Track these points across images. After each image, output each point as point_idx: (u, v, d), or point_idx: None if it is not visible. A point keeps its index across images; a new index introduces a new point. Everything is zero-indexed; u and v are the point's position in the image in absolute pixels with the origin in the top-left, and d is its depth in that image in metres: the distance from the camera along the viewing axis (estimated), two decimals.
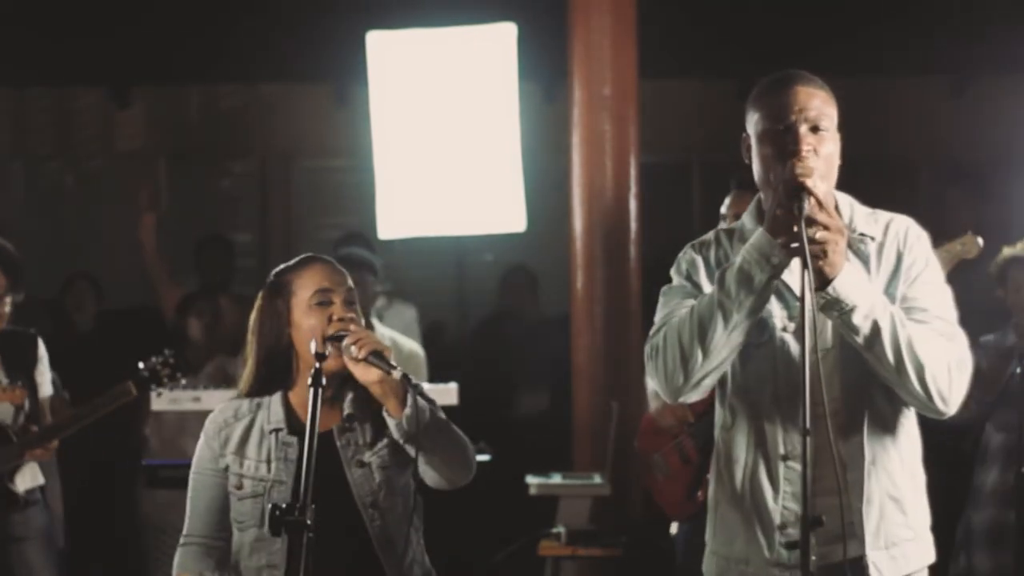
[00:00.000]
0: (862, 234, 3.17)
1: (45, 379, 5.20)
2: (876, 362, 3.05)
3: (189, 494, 3.37)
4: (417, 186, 6.53)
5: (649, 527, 5.69)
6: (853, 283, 3.03)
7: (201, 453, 3.35)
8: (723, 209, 4.96)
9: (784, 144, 3.09)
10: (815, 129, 3.12)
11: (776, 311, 3.15)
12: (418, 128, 6.50)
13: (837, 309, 3.01)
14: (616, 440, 5.79)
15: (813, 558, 2.95)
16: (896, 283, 3.16)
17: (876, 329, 3.02)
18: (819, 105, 3.14)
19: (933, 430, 3.30)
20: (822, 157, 3.09)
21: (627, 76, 6.21)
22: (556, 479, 5.94)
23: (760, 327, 3.12)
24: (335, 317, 3.24)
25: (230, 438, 3.31)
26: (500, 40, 6.38)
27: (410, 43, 6.53)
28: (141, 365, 5.12)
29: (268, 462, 3.26)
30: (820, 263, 2.98)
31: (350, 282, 3.32)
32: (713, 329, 3.03)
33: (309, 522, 2.98)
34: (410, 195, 6.54)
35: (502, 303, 8.18)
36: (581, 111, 6.21)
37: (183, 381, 5.17)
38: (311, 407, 3.09)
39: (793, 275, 3.13)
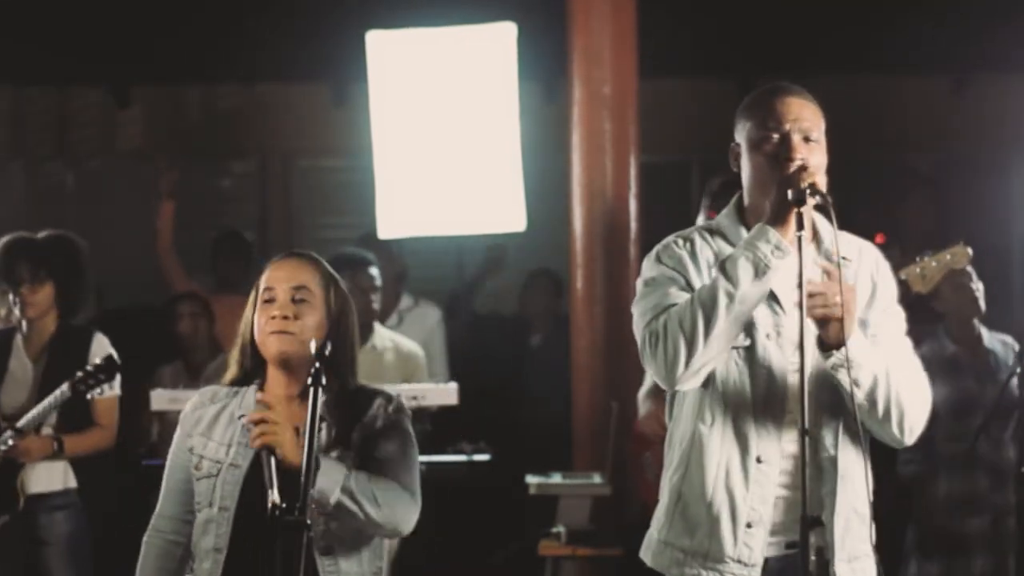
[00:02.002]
0: (843, 257, 3.24)
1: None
2: (865, 408, 3.16)
3: (165, 473, 3.43)
4: (417, 186, 6.53)
5: (646, 529, 5.69)
6: (861, 343, 3.15)
7: (177, 433, 3.43)
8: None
9: (778, 152, 3.17)
10: (807, 139, 3.20)
11: (761, 318, 3.22)
12: (418, 128, 6.50)
13: (847, 367, 3.10)
14: (616, 440, 5.79)
15: (813, 558, 3.01)
16: (868, 311, 3.26)
17: (875, 383, 3.15)
18: (810, 116, 3.22)
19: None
20: (812, 167, 3.16)
21: (627, 76, 6.21)
22: (556, 479, 5.94)
23: (746, 331, 3.19)
24: (271, 315, 3.29)
25: (201, 419, 3.38)
26: (500, 40, 6.38)
27: (410, 43, 6.53)
28: (79, 373, 5.10)
29: (229, 446, 3.31)
30: (835, 327, 3.09)
31: (301, 279, 3.33)
32: (716, 318, 3.09)
33: (309, 522, 2.99)
34: (410, 195, 6.54)
35: (524, 307, 8.13)
36: (581, 111, 6.21)
37: (115, 384, 5.17)
38: (311, 406, 3.10)
39: (781, 286, 3.20)
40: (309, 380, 3.12)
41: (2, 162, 9.33)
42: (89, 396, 5.11)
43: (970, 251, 5.03)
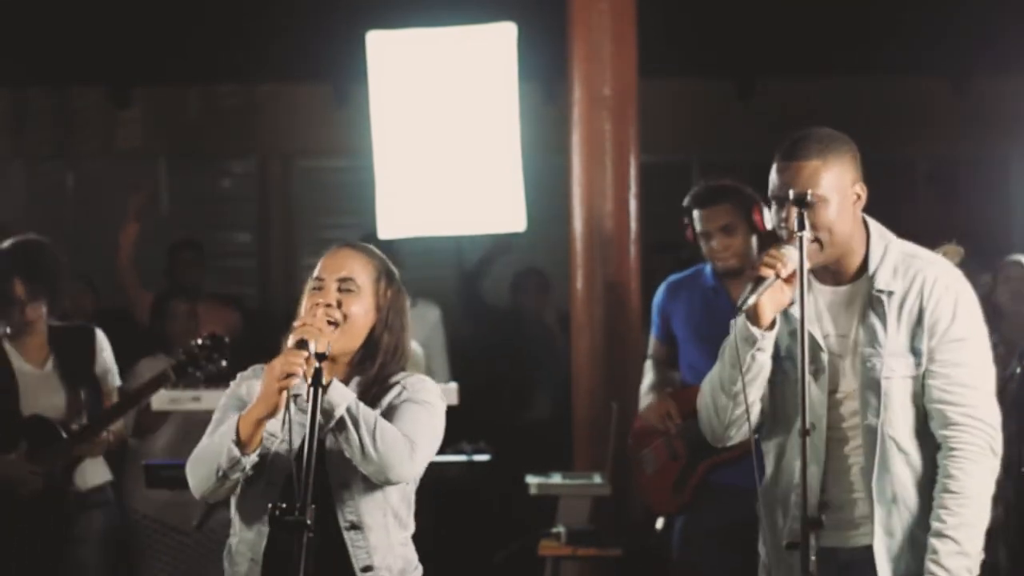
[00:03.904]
0: (879, 291, 3.33)
1: (108, 373, 5.25)
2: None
3: (212, 422, 3.39)
4: (417, 186, 6.52)
5: (647, 529, 5.69)
6: None
7: (231, 391, 3.43)
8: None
9: (777, 219, 3.34)
10: (802, 202, 3.28)
11: (797, 352, 3.31)
12: (418, 128, 6.49)
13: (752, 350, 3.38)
14: (616, 440, 5.79)
15: (812, 558, 3.06)
16: (920, 337, 3.32)
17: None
18: (807, 176, 3.30)
19: None
20: (819, 227, 3.28)
21: (627, 76, 6.21)
22: (556, 479, 5.94)
23: (789, 363, 3.37)
24: (316, 301, 3.32)
25: (252, 392, 3.34)
26: (500, 40, 6.38)
27: (410, 43, 6.52)
28: (181, 351, 5.14)
29: (283, 423, 3.28)
30: (765, 299, 3.29)
31: (350, 271, 3.36)
32: (719, 396, 3.39)
33: (309, 522, 3.01)
34: (410, 195, 6.54)
35: (515, 305, 8.15)
36: (581, 111, 6.21)
37: (223, 363, 5.14)
38: (311, 406, 3.11)
39: (816, 325, 3.35)
40: (309, 381, 3.14)
41: (2, 162, 9.33)
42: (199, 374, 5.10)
43: (962, 250, 5.05)
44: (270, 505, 3.07)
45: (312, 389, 3.12)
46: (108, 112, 9.27)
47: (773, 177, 3.35)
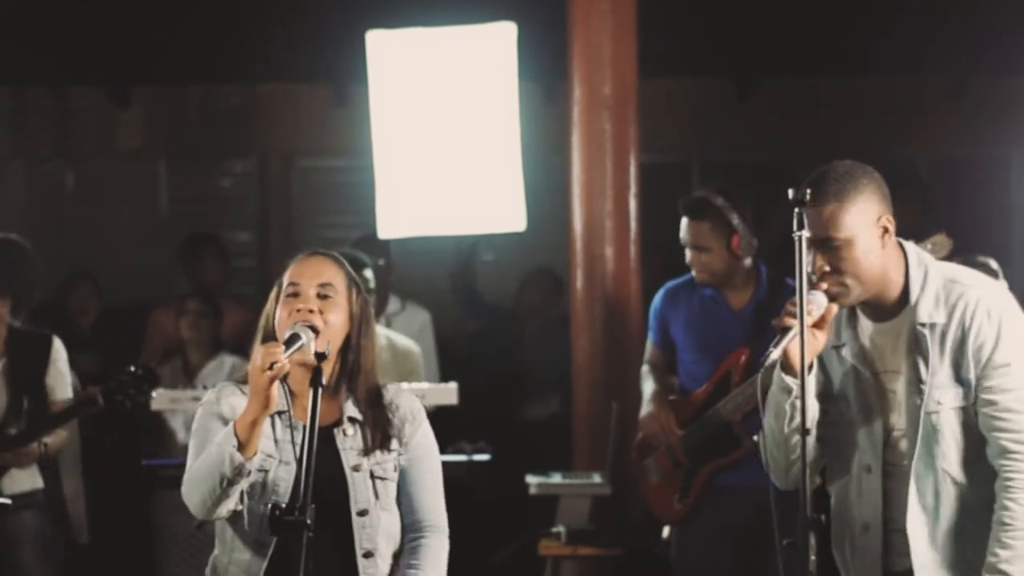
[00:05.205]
0: (922, 324, 3.29)
1: (59, 383, 5.19)
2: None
3: (193, 444, 3.33)
4: (417, 186, 6.53)
5: (647, 529, 5.69)
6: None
7: (207, 410, 3.35)
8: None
9: (805, 261, 3.22)
10: (827, 246, 3.26)
11: (850, 393, 3.37)
12: (418, 128, 6.49)
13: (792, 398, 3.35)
14: (616, 440, 5.80)
15: (812, 558, 3.06)
16: (965, 366, 3.28)
17: None
18: (826, 221, 3.25)
19: None
20: (844, 271, 3.25)
21: (627, 76, 6.21)
22: (556, 479, 5.94)
23: (844, 404, 3.38)
24: (295, 308, 3.28)
25: (235, 408, 3.28)
26: (500, 40, 6.38)
27: (410, 42, 6.53)
28: (114, 377, 5.09)
29: (275, 441, 3.27)
30: (794, 347, 3.26)
31: (327, 277, 3.34)
32: (774, 450, 3.37)
33: (309, 522, 3.01)
34: (410, 195, 6.54)
35: (522, 304, 8.10)
36: (581, 111, 6.21)
37: (153, 394, 5.15)
38: (311, 406, 3.11)
39: (864, 363, 3.35)
40: (310, 381, 3.15)
41: (2, 162, 9.33)
42: (128, 404, 5.07)
43: (950, 241, 5.05)
44: (270, 505, 3.07)
45: (312, 389, 3.12)
46: (108, 112, 9.26)
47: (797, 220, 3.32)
